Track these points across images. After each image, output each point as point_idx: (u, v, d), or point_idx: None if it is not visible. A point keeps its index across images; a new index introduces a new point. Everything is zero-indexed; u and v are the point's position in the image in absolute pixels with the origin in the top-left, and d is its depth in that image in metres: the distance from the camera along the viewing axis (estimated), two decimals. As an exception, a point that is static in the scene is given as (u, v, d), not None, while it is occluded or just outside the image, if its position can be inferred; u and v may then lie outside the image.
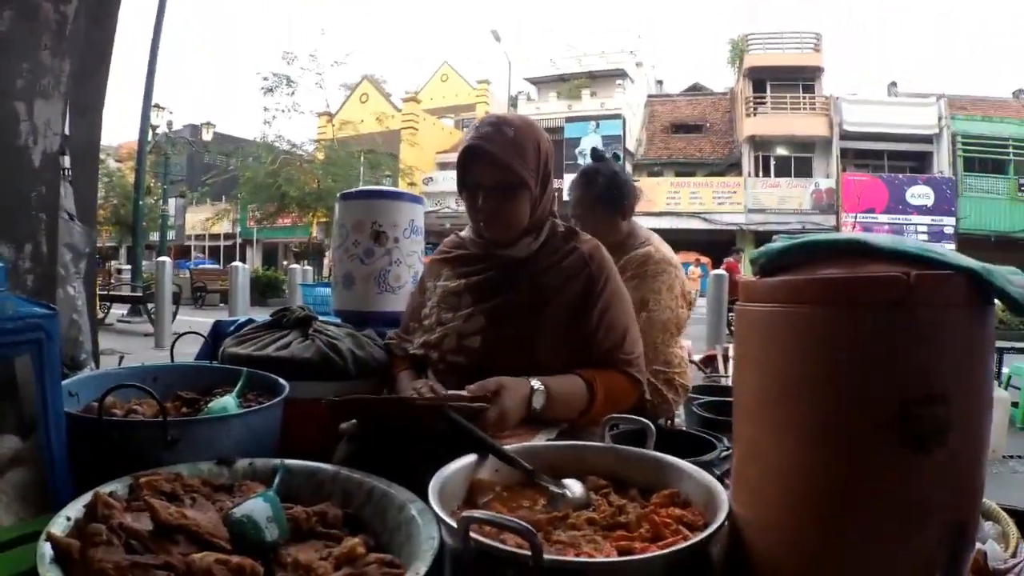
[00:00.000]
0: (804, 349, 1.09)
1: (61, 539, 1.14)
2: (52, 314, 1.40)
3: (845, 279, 1.07)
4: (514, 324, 2.12)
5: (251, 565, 1.18)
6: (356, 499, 1.53)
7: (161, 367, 2.18)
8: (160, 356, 11.08)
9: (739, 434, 1.29)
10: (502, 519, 1.08)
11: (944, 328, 1.03)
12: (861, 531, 1.06)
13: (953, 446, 1.02)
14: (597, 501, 1.45)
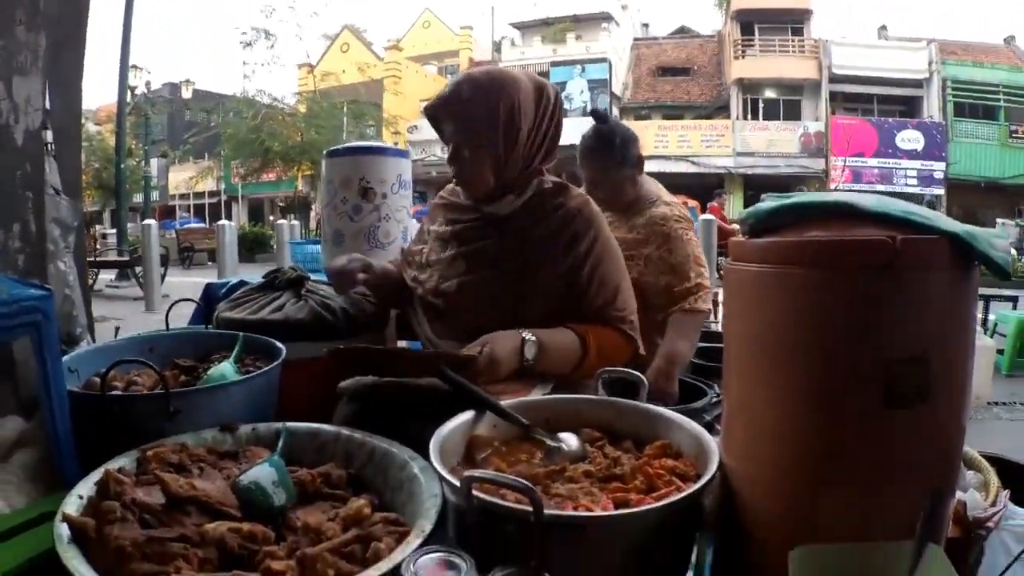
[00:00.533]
0: (791, 309, 1.13)
1: (76, 519, 1.17)
2: (48, 295, 1.42)
3: (833, 242, 1.09)
4: (492, 275, 2.12)
5: (262, 531, 1.23)
6: (358, 459, 1.57)
7: (157, 336, 2.19)
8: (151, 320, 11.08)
9: (729, 387, 1.33)
10: (504, 478, 1.12)
11: (928, 291, 1.07)
12: (844, 484, 1.12)
13: (934, 404, 1.08)
14: (593, 454, 1.48)
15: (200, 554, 1.15)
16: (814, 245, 1.11)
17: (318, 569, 1.11)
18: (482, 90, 2.06)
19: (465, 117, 2.08)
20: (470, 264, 2.18)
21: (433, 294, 2.22)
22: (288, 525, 1.31)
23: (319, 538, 1.22)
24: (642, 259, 3.19)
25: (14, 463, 1.46)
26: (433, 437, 1.40)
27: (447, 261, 2.23)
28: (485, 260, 2.15)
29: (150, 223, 13.20)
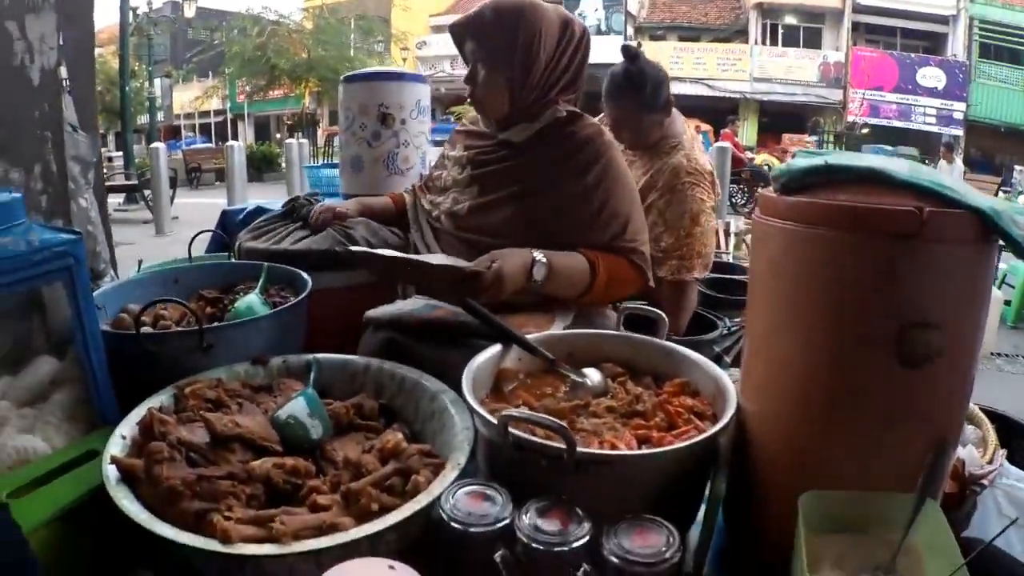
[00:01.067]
0: (817, 267, 1.17)
1: (125, 460, 1.22)
2: (78, 238, 1.43)
3: (863, 208, 1.11)
4: (504, 197, 2.14)
5: (304, 466, 1.28)
6: (388, 390, 1.62)
7: (181, 268, 2.22)
8: (162, 244, 11.12)
9: (751, 330, 1.38)
10: (540, 418, 1.16)
11: (948, 263, 1.10)
12: (853, 433, 1.18)
13: (942, 366, 1.12)
14: (615, 389, 1.52)
15: (247, 490, 1.20)
16: (844, 209, 1.13)
17: (362, 503, 1.17)
18: (505, 15, 2.07)
19: (485, 39, 2.11)
20: (483, 187, 2.19)
21: (448, 215, 2.25)
22: (326, 457, 1.37)
23: (359, 471, 1.28)
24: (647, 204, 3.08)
25: (53, 403, 1.49)
26: (465, 371, 1.43)
27: (463, 184, 2.25)
28: (497, 183, 2.17)
29: (158, 146, 13.17)
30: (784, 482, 1.23)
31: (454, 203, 2.24)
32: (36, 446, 1.38)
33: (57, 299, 1.47)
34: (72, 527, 1.23)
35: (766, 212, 1.26)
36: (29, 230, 1.37)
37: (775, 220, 1.23)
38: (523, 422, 1.20)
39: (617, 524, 1.05)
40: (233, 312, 1.84)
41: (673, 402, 1.43)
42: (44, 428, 1.44)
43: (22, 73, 2.06)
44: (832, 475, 1.18)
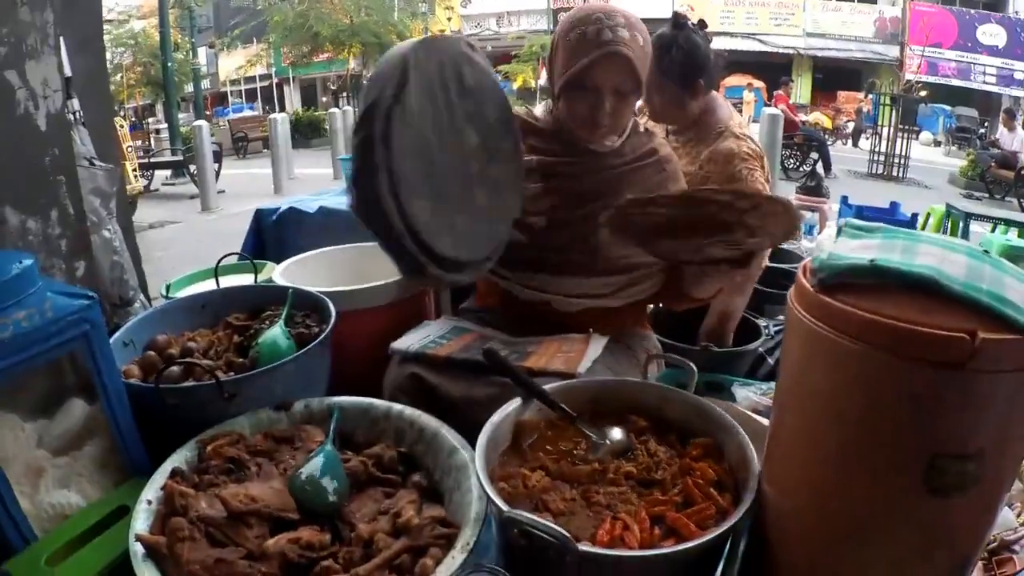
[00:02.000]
0: (850, 380, 1.07)
1: (149, 538, 1.26)
2: (92, 303, 1.44)
3: (909, 331, 0.99)
4: (583, 214, 2.07)
5: (319, 539, 1.30)
6: (409, 437, 1.62)
7: (208, 295, 2.21)
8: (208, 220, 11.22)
9: (777, 415, 1.30)
10: (543, 526, 1.14)
11: (996, 393, 1.00)
12: (871, 553, 1.12)
13: (975, 494, 1.05)
14: (636, 450, 1.51)
15: (263, 568, 1.23)
16: (885, 327, 1.01)
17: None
18: (646, 36, 1.99)
19: (642, 66, 1.97)
20: (562, 201, 2.11)
21: (516, 226, 2.11)
22: (343, 519, 1.39)
23: (371, 547, 1.29)
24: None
25: (85, 455, 1.53)
26: (482, 434, 1.43)
27: (532, 194, 2.12)
28: (577, 199, 2.09)
29: (202, 124, 13.18)
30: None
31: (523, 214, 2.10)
32: (71, 500, 1.45)
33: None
34: None
35: (801, 304, 1.15)
36: (44, 298, 1.37)
37: (809, 318, 1.11)
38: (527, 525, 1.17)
39: None
40: (257, 347, 1.84)
41: (695, 470, 1.41)
42: (78, 480, 1.49)
43: (28, 122, 2.05)
44: None
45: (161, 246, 8.86)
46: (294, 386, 1.73)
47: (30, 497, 1.42)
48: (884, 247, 1.13)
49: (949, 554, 1.11)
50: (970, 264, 1.06)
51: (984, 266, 1.06)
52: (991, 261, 1.09)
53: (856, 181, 15.66)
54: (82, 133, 2.28)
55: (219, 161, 14.10)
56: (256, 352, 1.82)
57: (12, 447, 1.45)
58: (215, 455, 1.47)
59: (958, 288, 1.00)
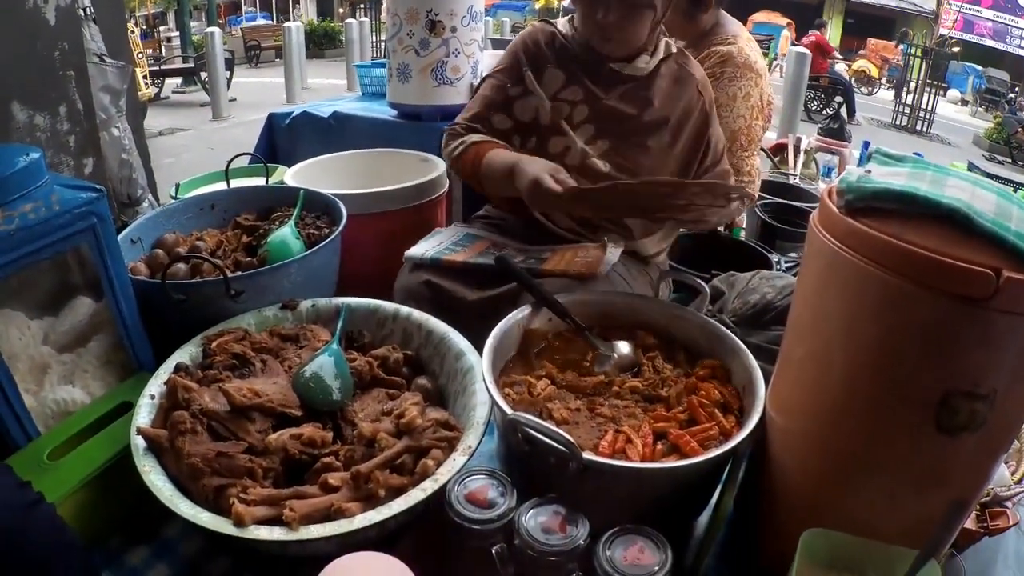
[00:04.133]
0: (867, 308, 1.04)
1: (150, 432, 1.27)
2: (100, 195, 1.42)
3: (933, 260, 0.95)
4: (639, 150, 2.00)
5: (321, 436, 1.30)
6: (416, 339, 1.62)
7: (218, 194, 2.19)
8: (219, 128, 11.14)
9: (788, 342, 1.27)
10: (548, 430, 1.13)
11: (1015, 335, 0.97)
12: (872, 486, 1.11)
13: (982, 436, 1.03)
14: (643, 366, 1.49)
15: (264, 463, 1.23)
16: (909, 255, 0.97)
17: (370, 487, 1.19)
18: None
19: None
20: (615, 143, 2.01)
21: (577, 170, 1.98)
22: (346, 418, 1.38)
23: (373, 446, 1.28)
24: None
25: (89, 351, 1.52)
26: (490, 338, 1.41)
27: (587, 135, 2.02)
28: (631, 140, 2.01)
29: (213, 31, 13.01)
30: (796, 508, 1.22)
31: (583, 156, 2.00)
32: (75, 396, 1.45)
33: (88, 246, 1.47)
34: (105, 485, 1.30)
35: (824, 225, 1.12)
36: (51, 191, 1.35)
37: (832, 240, 1.08)
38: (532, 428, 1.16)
39: (615, 534, 1.04)
40: (266, 247, 1.83)
41: (700, 390, 1.39)
42: (82, 376, 1.49)
43: (37, 15, 2.00)
44: (843, 517, 1.12)
45: (171, 152, 8.82)
46: (302, 286, 1.72)
47: (35, 394, 1.43)
48: (913, 176, 1.08)
49: (948, 494, 1.07)
50: (999, 203, 1.02)
51: (1013, 207, 1.03)
52: (1019, 203, 1.05)
53: (878, 130, 15.51)
54: (92, 29, 2.23)
55: (231, 69, 13.97)
56: (265, 251, 1.81)
57: (18, 344, 1.45)
58: (220, 351, 1.46)
59: (987, 224, 0.96)
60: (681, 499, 1.31)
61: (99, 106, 2.20)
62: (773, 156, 5.11)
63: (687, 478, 1.22)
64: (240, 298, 1.61)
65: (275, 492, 1.18)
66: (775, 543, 1.22)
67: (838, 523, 1.11)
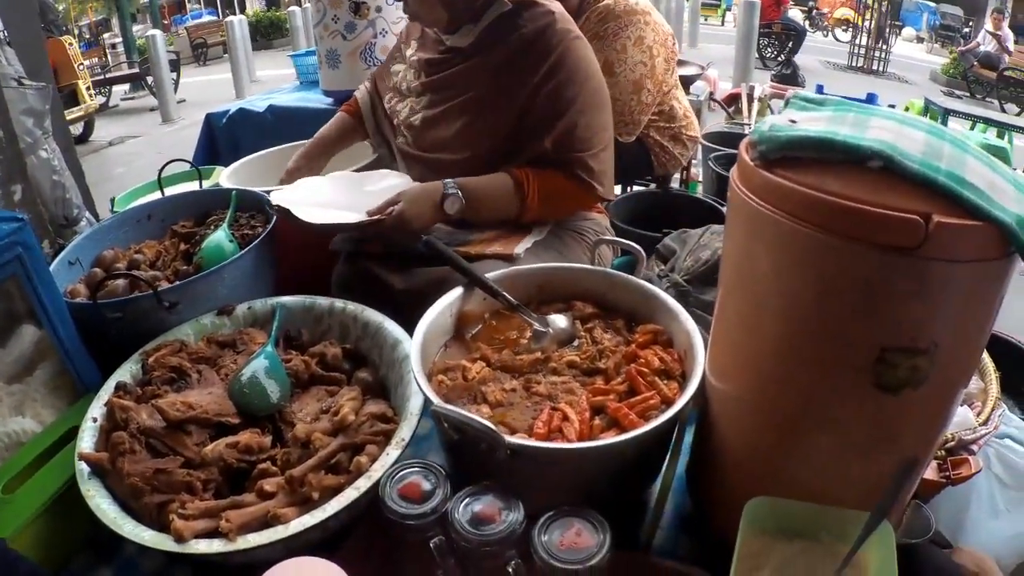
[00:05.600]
0: (794, 266, 0.99)
1: (92, 456, 1.27)
2: (22, 224, 1.40)
3: (857, 211, 0.89)
4: (451, 112, 2.02)
5: (257, 442, 1.29)
6: (353, 332, 1.61)
7: (153, 204, 2.16)
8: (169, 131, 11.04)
9: (721, 305, 1.21)
10: (469, 419, 1.11)
11: (950, 283, 0.91)
12: (817, 450, 1.08)
13: (925, 392, 0.98)
14: (582, 337, 1.48)
15: (203, 476, 1.23)
16: (830, 206, 0.90)
17: (304, 491, 1.19)
18: None
19: None
20: (433, 98, 2.08)
21: (406, 128, 2.14)
22: (285, 420, 1.38)
23: (309, 448, 1.28)
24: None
25: (37, 378, 1.51)
26: (418, 327, 1.40)
27: (415, 93, 2.13)
28: (446, 94, 2.04)
29: (155, 33, 12.85)
30: (742, 475, 1.20)
31: (410, 113, 2.13)
32: (26, 427, 1.44)
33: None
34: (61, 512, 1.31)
35: (742, 180, 1.05)
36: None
37: (751, 196, 1.01)
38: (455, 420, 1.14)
39: (551, 518, 1.02)
40: (200, 253, 1.81)
41: (640, 358, 1.37)
42: (32, 405, 1.48)
43: (-56, 49, 1.96)
44: (791, 483, 1.10)
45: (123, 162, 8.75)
46: (239, 289, 1.71)
47: (-13, 429, 1.42)
48: (834, 120, 1.02)
49: (897, 453, 1.05)
50: (929, 141, 0.96)
51: (944, 144, 0.97)
52: (953, 139, 0.99)
53: (835, 73, 15.61)
54: (8, 53, 2.19)
55: (177, 70, 13.82)
56: (200, 258, 1.79)
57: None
58: (158, 366, 1.45)
59: (913, 166, 0.90)
60: (630, 472, 1.29)
61: (23, 130, 2.17)
62: (727, 107, 5.10)
63: (629, 451, 1.19)
64: (176, 309, 1.60)
65: (213, 504, 1.18)
66: (727, 512, 1.16)
67: (787, 489, 1.09)
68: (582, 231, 2.07)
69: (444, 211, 1.81)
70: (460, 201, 1.82)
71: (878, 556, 1.04)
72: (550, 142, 1.90)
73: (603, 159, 1.97)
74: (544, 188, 1.90)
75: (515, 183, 1.89)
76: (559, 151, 1.91)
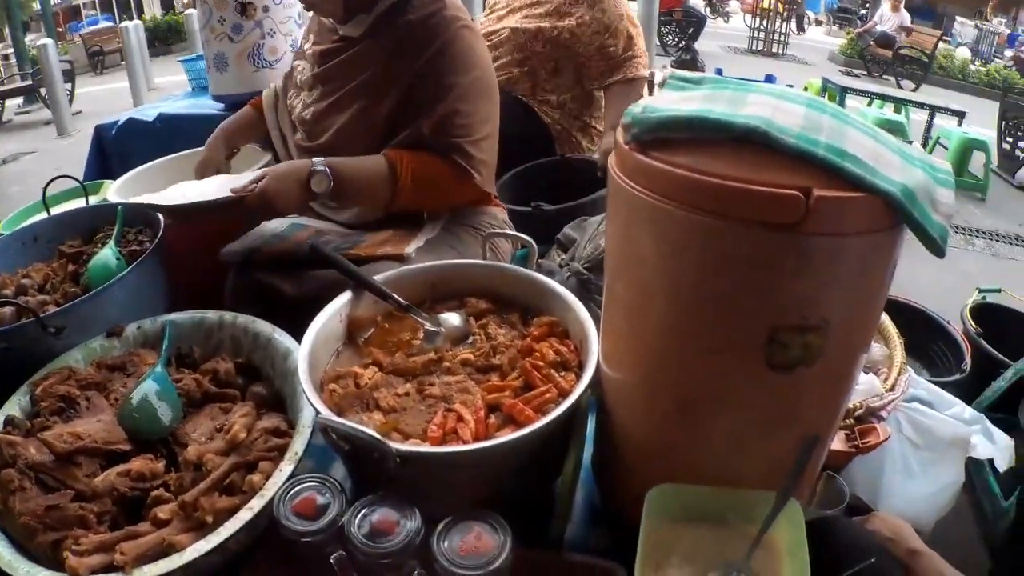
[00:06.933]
0: (676, 250, 0.97)
1: None
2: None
3: (733, 189, 0.88)
4: (341, 102, 2.00)
5: (150, 468, 1.26)
6: (245, 345, 1.58)
7: (38, 225, 2.08)
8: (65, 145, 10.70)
9: (608, 294, 1.21)
10: (353, 429, 1.08)
11: (836, 258, 0.91)
12: (713, 432, 1.08)
13: (821, 369, 0.98)
14: (476, 334, 1.46)
15: (96, 508, 1.19)
16: (707, 187, 0.89)
17: (198, 516, 1.15)
18: None
19: None
20: (324, 89, 2.05)
21: (298, 121, 2.12)
22: (179, 443, 1.34)
23: (202, 471, 1.25)
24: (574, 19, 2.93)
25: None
26: (306, 335, 1.37)
27: (307, 86, 2.11)
28: (337, 84, 2.02)
29: (46, 43, 12.44)
30: (644, 462, 1.20)
31: (302, 107, 2.10)
32: None
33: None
34: None
35: (619, 165, 1.04)
36: None
37: (627, 181, 1.00)
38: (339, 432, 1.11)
39: (449, 523, 1.01)
40: (87, 273, 1.75)
41: (536, 351, 1.36)
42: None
43: None
44: (695, 467, 1.10)
45: (18, 180, 8.46)
46: (130, 308, 1.65)
47: None
48: (709, 98, 1.01)
49: (798, 431, 1.05)
50: (808, 115, 0.95)
51: (823, 117, 0.96)
52: (833, 112, 0.98)
53: (736, 57, 15.84)
54: None
55: (72, 80, 13.37)
56: (87, 278, 1.74)
57: None
58: (45, 396, 1.40)
59: (790, 140, 0.89)
60: (533, 468, 1.27)
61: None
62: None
63: (527, 447, 1.16)
64: (63, 334, 1.54)
65: (108, 537, 1.15)
66: (634, 500, 1.15)
67: (690, 473, 1.09)
68: (477, 225, 2.06)
69: (311, 189, 1.76)
70: (328, 179, 1.76)
71: (788, 534, 1.05)
72: (428, 126, 1.88)
73: (483, 148, 1.95)
74: (418, 172, 1.87)
75: (388, 164, 1.85)
76: (437, 136, 1.89)
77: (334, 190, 1.78)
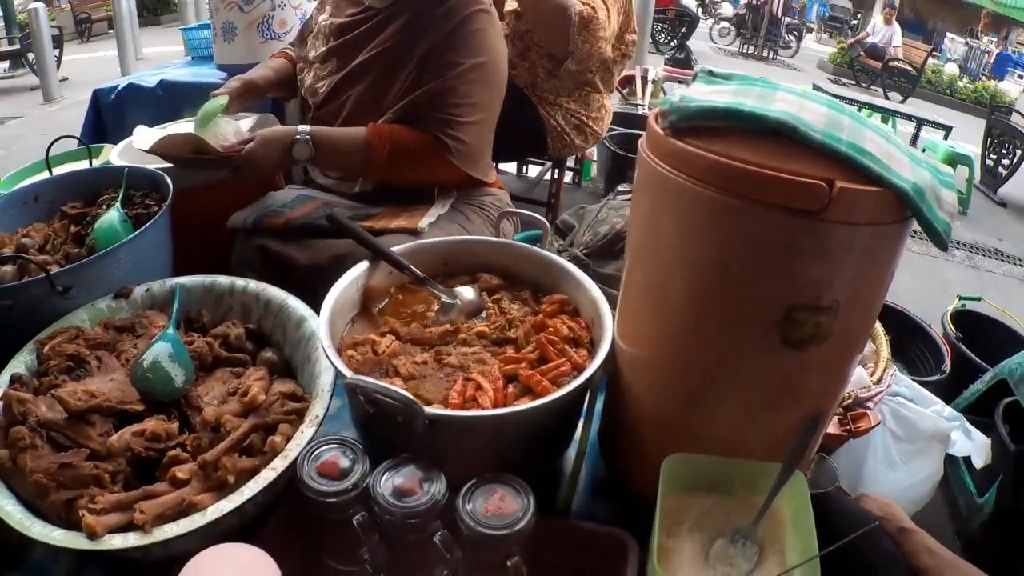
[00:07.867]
0: (702, 229, 1.03)
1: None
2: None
3: (763, 175, 0.94)
4: (362, 77, 2.01)
5: (165, 428, 1.25)
6: (255, 312, 1.57)
7: (40, 185, 2.06)
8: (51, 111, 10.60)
9: (628, 273, 1.26)
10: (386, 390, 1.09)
11: (852, 245, 0.98)
12: (726, 407, 1.13)
13: (829, 348, 1.05)
14: (489, 308, 1.48)
15: (110, 467, 1.18)
16: (739, 172, 0.95)
17: (219, 475, 1.15)
18: None
19: None
20: (340, 62, 2.05)
21: (310, 94, 2.12)
22: (191, 405, 1.34)
23: (219, 431, 1.25)
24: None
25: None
26: (325, 303, 1.37)
27: (322, 58, 2.11)
28: (352, 56, 2.02)
29: (37, 6, 12.26)
30: (656, 435, 1.23)
31: (315, 79, 2.10)
32: None
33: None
34: None
35: (651, 149, 1.10)
36: None
37: (660, 164, 1.06)
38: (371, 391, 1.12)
39: (474, 485, 1.03)
40: (93, 234, 1.74)
41: (548, 327, 1.39)
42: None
43: None
44: (704, 439, 1.15)
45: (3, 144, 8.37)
46: (135, 271, 1.64)
47: None
48: (739, 93, 1.07)
49: (804, 407, 1.11)
50: (830, 114, 1.02)
51: (843, 117, 1.03)
52: (851, 114, 1.05)
53: (726, 59, 16.03)
54: None
55: (60, 47, 13.20)
56: (92, 240, 1.72)
57: None
58: (54, 354, 1.38)
59: (816, 135, 0.96)
60: (545, 438, 1.30)
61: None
62: (622, 88, 5.19)
63: (543, 417, 1.20)
64: (70, 294, 1.53)
65: (124, 496, 1.14)
66: (641, 472, 1.24)
67: (700, 445, 1.14)
68: (483, 206, 2.08)
69: (292, 156, 1.81)
70: (309, 148, 1.81)
71: (792, 505, 1.11)
72: (422, 98, 1.90)
73: (471, 132, 1.94)
74: (397, 146, 1.88)
75: (366, 139, 1.87)
76: (427, 109, 1.91)
77: (314, 158, 1.83)
